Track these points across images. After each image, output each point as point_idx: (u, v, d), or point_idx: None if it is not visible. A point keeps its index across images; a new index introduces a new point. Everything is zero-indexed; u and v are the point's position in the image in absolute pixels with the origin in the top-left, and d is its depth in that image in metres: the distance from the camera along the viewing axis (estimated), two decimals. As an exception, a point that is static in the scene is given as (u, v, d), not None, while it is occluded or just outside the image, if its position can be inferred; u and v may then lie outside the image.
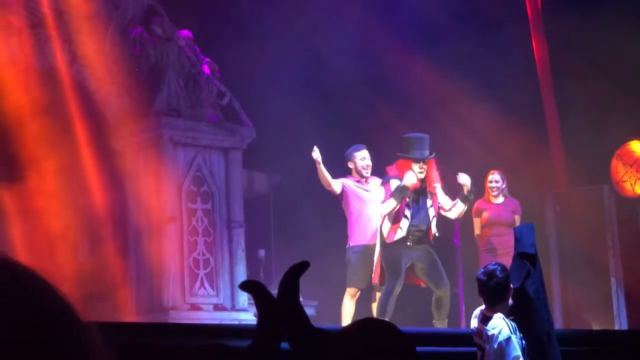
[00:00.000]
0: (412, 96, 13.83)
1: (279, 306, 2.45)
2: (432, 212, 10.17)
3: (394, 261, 10.05)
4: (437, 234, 10.23)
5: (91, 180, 11.74)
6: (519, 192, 12.72)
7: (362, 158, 10.54)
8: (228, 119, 12.13)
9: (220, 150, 11.98)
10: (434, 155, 10.28)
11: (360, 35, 13.87)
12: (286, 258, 13.03)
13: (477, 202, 11.42)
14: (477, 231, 11.68)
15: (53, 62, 11.95)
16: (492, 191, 11.54)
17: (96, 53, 11.96)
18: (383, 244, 10.15)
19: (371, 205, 10.43)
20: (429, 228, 10.07)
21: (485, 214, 11.44)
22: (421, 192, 10.21)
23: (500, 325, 6.57)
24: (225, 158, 11.97)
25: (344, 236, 10.65)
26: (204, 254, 11.56)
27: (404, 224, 10.04)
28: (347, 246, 10.52)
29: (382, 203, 10.08)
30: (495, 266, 6.89)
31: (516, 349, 6.49)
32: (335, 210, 10.85)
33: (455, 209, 10.37)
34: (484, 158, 12.90)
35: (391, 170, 10.30)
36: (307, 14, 13.65)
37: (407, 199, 10.08)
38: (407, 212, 10.08)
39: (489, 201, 11.49)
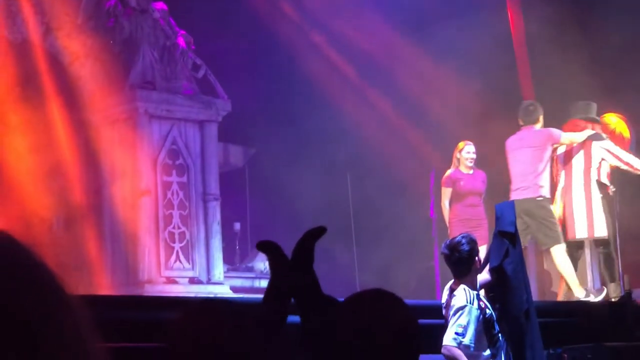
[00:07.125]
0: (395, 75, 13.78)
1: (293, 269, 2.48)
2: None
3: None
4: None
5: (66, 153, 11.67)
6: (499, 165, 12.74)
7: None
8: (203, 92, 12.08)
9: (196, 123, 11.93)
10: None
11: (340, 15, 13.81)
12: (262, 231, 13.04)
13: (451, 172, 11.45)
14: (445, 201, 11.68)
15: (26, 34, 11.84)
16: (468, 162, 11.56)
17: (70, 26, 11.86)
18: None
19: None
20: None
21: (461, 184, 11.43)
22: None
23: (459, 296, 6.64)
24: (201, 131, 11.92)
25: (320, 207, 10.61)
26: (179, 227, 11.53)
27: None
28: None
29: None
30: (461, 238, 6.91)
31: (465, 318, 6.55)
32: (310, 182, 10.83)
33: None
34: (463, 131, 12.92)
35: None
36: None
37: None
38: None
39: (462, 172, 11.50)
